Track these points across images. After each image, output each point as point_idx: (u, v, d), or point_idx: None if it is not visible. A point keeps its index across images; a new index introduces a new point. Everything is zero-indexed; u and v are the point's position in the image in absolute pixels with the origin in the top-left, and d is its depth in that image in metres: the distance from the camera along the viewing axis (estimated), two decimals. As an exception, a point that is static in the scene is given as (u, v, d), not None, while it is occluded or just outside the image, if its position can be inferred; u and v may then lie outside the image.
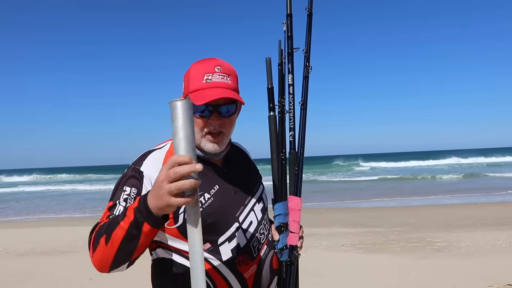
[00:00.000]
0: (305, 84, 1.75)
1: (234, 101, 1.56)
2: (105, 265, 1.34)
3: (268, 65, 1.73)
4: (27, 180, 45.65)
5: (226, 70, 1.55)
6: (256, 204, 1.70)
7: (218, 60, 1.57)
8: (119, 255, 1.31)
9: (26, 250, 8.34)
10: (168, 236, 1.54)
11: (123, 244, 1.29)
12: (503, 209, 11.99)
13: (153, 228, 1.26)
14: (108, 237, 1.31)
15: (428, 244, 7.64)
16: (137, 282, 5.51)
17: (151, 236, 1.31)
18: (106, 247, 1.31)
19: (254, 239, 1.63)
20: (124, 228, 1.27)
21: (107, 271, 1.37)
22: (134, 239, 1.28)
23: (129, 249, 1.30)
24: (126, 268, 1.40)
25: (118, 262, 1.34)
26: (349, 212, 12.92)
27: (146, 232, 1.26)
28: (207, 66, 1.54)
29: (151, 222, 1.24)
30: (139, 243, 1.29)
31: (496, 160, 44.93)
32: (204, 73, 1.52)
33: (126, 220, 1.28)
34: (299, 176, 1.76)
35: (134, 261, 1.38)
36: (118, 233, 1.29)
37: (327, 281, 5.63)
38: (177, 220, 1.51)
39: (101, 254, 1.33)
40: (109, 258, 1.32)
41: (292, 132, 1.75)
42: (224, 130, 1.57)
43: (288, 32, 1.71)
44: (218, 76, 1.53)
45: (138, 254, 1.35)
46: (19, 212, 16.82)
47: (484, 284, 5.21)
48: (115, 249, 1.30)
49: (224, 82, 1.53)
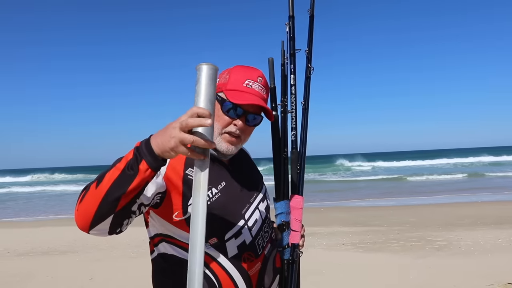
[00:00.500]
0: (307, 85, 1.77)
1: (261, 113, 1.62)
2: (88, 217, 1.25)
3: (270, 65, 1.75)
4: (26, 180, 45.62)
5: (265, 84, 1.63)
6: (261, 202, 1.73)
7: (261, 72, 1.64)
8: (106, 201, 1.23)
9: (26, 250, 8.34)
10: (175, 228, 1.54)
11: (114, 185, 1.23)
12: (503, 207, 12.00)
13: (150, 170, 1.23)
14: (100, 180, 1.26)
15: (428, 243, 7.65)
16: (138, 281, 5.53)
17: (145, 181, 1.25)
18: (95, 191, 1.25)
19: (259, 236, 1.65)
20: (120, 168, 1.24)
21: (87, 227, 1.27)
22: (127, 179, 1.23)
23: (119, 192, 1.23)
24: (108, 232, 1.32)
25: (102, 212, 1.24)
26: (349, 211, 12.93)
27: (142, 171, 1.22)
28: (251, 74, 1.60)
29: (150, 160, 1.22)
30: (130, 186, 1.23)
31: (496, 159, 44.89)
32: (247, 78, 1.58)
33: (123, 161, 1.26)
34: (301, 175, 1.78)
35: (118, 220, 1.29)
36: (112, 174, 1.25)
37: (327, 280, 5.64)
38: (185, 211, 1.51)
39: (87, 202, 1.26)
40: (94, 205, 1.24)
41: (294, 131, 1.77)
42: (242, 136, 1.60)
43: (290, 33, 1.73)
44: (258, 86, 1.59)
45: (124, 204, 1.26)
46: (19, 212, 16.82)
47: (484, 282, 5.22)
48: (104, 191, 1.24)
49: (261, 93, 1.59)
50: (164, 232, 1.57)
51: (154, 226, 1.61)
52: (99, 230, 1.29)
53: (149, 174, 1.24)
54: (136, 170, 1.23)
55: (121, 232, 1.36)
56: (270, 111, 1.62)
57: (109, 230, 1.31)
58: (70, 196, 24.22)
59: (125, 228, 1.37)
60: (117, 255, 7.67)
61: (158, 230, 1.59)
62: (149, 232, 1.65)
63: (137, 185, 1.24)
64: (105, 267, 6.76)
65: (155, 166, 1.23)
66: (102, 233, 1.31)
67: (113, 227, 1.30)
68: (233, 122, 1.56)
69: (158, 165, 1.24)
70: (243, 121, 1.57)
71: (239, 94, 1.54)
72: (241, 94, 1.54)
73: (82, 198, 1.28)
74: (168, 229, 1.56)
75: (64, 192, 27.68)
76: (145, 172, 1.23)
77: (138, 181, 1.23)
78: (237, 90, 1.55)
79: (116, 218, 1.28)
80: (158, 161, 1.23)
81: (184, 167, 1.54)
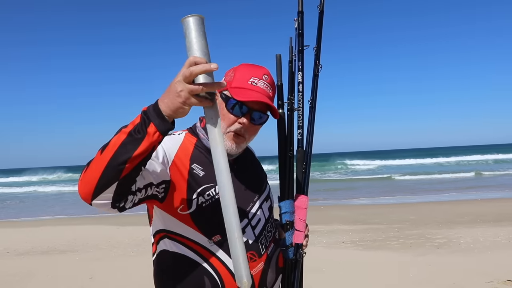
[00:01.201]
0: (315, 82, 1.76)
1: (267, 111, 1.60)
2: (91, 184, 1.20)
3: (278, 62, 1.74)
4: (24, 181, 45.46)
5: (271, 81, 1.61)
6: (264, 202, 1.72)
7: (267, 70, 1.62)
8: (111, 165, 1.18)
9: (26, 250, 8.32)
10: (178, 223, 1.53)
11: (120, 149, 1.18)
12: (502, 205, 12.01)
13: (159, 133, 1.19)
14: (105, 146, 1.22)
15: (428, 241, 7.66)
16: (138, 280, 5.52)
17: (152, 146, 1.21)
18: (100, 157, 1.20)
19: (262, 236, 1.64)
20: (126, 132, 1.21)
21: (91, 196, 1.22)
22: (134, 143, 1.18)
23: (125, 156, 1.18)
24: (111, 203, 1.25)
25: (106, 178, 1.19)
26: (349, 209, 12.94)
27: (150, 134, 1.18)
28: (256, 71, 1.58)
29: (158, 123, 1.19)
30: (137, 150, 1.18)
31: (498, 157, 44.87)
32: (252, 75, 1.56)
33: (130, 125, 1.23)
34: (307, 174, 1.77)
35: (123, 189, 1.24)
36: (118, 138, 1.21)
37: (327, 278, 5.64)
38: (190, 205, 1.51)
39: (91, 169, 1.21)
40: (99, 171, 1.19)
41: (301, 130, 1.75)
42: (246, 135, 1.59)
43: (299, 29, 1.71)
44: (263, 83, 1.57)
45: (130, 170, 1.20)
46: (20, 212, 16.78)
47: (484, 280, 5.23)
48: (109, 156, 1.19)
49: (266, 91, 1.57)
50: (167, 228, 1.56)
51: (157, 222, 1.59)
52: (103, 200, 1.23)
53: (157, 138, 1.20)
54: (144, 133, 1.19)
55: (124, 209, 1.32)
56: (276, 109, 1.60)
57: (113, 201, 1.25)
58: (68, 195, 24.16)
59: (128, 206, 1.33)
60: (117, 254, 7.65)
61: (161, 226, 1.58)
62: (152, 228, 1.64)
63: (145, 149, 1.20)
64: (105, 266, 6.75)
65: (163, 129, 1.20)
66: (105, 205, 1.25)
67: (117, 197, 1.24)
68: (238, 121, 1.54)
69: (167, 128, 1.21)
70: (248, 119, 1.55)
71: (244, 92, 1.52)
72: (246, 92, 1.52)
73: (87, 167, 1.24)
74: (172, 225, 1.54)
75: (61, 192, 27.58)
76: (153, 135, 1.19)
77: (146, 145, 1.19)
78: (242, 88, 1.53)
79: (120, 187, 1.22)
80: (167, 123, 1.20)
81: (190, 162, 1.54)
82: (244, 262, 1.21)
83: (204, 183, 1.54)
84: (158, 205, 1.53)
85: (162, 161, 1.45)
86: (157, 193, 1.45)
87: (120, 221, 11.15)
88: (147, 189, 1.39)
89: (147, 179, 1.38)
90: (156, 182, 1.42)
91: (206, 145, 1.60)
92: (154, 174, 1.40)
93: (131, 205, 1.34)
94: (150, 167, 1.38)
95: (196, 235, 1.53)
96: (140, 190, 1.36)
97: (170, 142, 1.54)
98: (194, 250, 1.53)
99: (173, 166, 1.49)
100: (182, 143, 1.59)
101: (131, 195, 1.32)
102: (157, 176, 1.42)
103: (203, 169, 1.55)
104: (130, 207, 1.35)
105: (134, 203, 1.36)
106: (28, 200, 22.32)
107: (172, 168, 1.49)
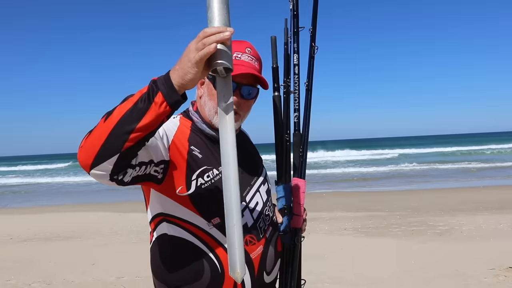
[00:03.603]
0: (311, 64, 1.72)
1: (256, 85, 1.58)
2: (92, 151, 1.15)
3: (273, 44, 1.70)
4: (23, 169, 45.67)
5: (255, 54, 1.60)
6: (262, 185, 1.71)
7: (249, 43, 1.60)
8: (113, 135, 1.13)
9: (29, 236, 8.38)
10: (177, 206, 1.51)
11: (124, 119, 1.13)
12: (504, 192, 11.98)
13: (166, 103, 1.12)
14: (110, 113, 1.17)
15: (430, 228, 7.65)
16: (140, 267, 5.55)
17: (159, 118, 1.15)
18: (103, 125, 1.15)
19: (260, 219, 1.63)
20: (133, 101, 1.14)
21: (90, 164, 1.17)
22: (139, 113, 1.12)
23: (129, 127, 1.12)
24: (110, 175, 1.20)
25: (108, 148, 1.14)
26: (351, 196, 12.95)
27: (157, 104, 1.12)
28: (238, 46, 1.56)
29: (167, 93, 1.12)
30: (142, 121, 1.12)
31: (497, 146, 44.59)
32: (235, 51, 1.53)
33: (137, 94, 1.16)
34: (304, 158, 1.74)
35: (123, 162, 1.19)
36: (123, 107, 1.15)
37: (329, 265, 5.65)
38: (189, 187, 1.49)
39: (93, 136, 1.16)
40: (101, 139, 1.14)
41: (297, 113, 1.72)
42: (241, 112, 1.58)
43: (294, 10, 1.66)
44: (247, 57, 1.56)
45: (133, 144, 1.15)
46: (29, 199, 16.89)
47: (485, 267, 5.22)
48: (112, 124, 1.13)
49: (252, 64, 1.56)
50: (165, 211, 1.54)
51: (155, 206, 1.57)
52: (101, 171, 1.19)
53: (164, 109, 1.13)
54: (150, 103, 1.12)
55: (122, 182, 1.27)
56: (264, 80, 1.57)
57: (112, 172, 1.20)
58: (69, 186, 24.28)
59: (127, 179, 1.28)
60: (119, 240, 7.69)
61: (159, 210, 1.56)
62: (150, 213, 1.62)
63: (150, 121, 1.14)
64: (107, 253, 6.79)
65: (172, 100, 1.13)
66: (104, 176, 1.21)
67: (116, 169, 1.19)
68: None
69: (176, 100, 1.13)
70: (238, 96, 1.53)
71: None
72: None
73: (89, 134, 1.19)
74: (170, 208, 1.52)
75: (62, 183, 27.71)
76: (160, 106, 1.12)
77: (152, 116, 1.13)
78: None
79: (121, 159, 1.17)
80: (176, 94, 1.13)
81: (189, 143, 1.53)
82: (239, 250, 1.13)
83: (203, 165, 1.52)
84: (156, 187, 1.50)
85: (162, 140, 1.43)
86: (156, 173, 1.43)
87: (122, 207, 11.20)
88: (147, 166, 1.36)
89: (148, 155, 1.35)
90: (156, 161, 1.39)
91: (201, 128, 1.59)
92: (154, 151, 1.38)
93: (129, 180, 1.30)
94: (152, 143, 1.35)
95: (195, 218, 1.51)
96: (140, 165, 1.32)
97: (169, 123, 1.53)
98: (193, 233, 1.52)
99: (173, 146, 1.47)
100: (180, 125, 1.58)
101: (131, 169, 1.28)
102: (157, 154, 1.39)
103: (201, 152, 1.54)
104: (128, 181, 1.30)
105: (133, 178, 1.32)
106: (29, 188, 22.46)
107: (171, 148, 1.47)
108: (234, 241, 1.13)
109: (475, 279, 4.88)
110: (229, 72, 1.12)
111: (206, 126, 1.59)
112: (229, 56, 1.08)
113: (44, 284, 5.37)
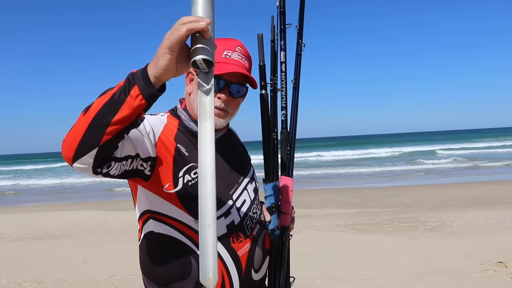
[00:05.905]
0: (298, 62, 1.71)
1: (245, 83, 1.58)
2: (72, 145, 1.17)
3: (260, 42, 1.69)
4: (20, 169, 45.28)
5: (245, 52, 1.59)
6: (249, 184, 1.71)
7: (239, 42, 1.60)
8: (91, 128, 1.14)
9: (20, 235, 8.32)
10: (164, 203, 1.51)
11: (102, 111, 1.14)
12: (494, 188, 12.10)
13: (142, 96, 1.13)
14: (88, 107, 1.18)
15: (421, 224, 7.70)
16: (132, 265, 5.53)
17: (135, 112, 1.15)
18: (82, 118, 1.17)
19: (247, 217, 1.63)
20: (110, 94, 1.15)
21: (71, 157, 1.18)
22: (116, 106, 1.13)
23: (106, 120, 1.13)
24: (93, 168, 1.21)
25: (87, 141, 1.15)
26: (343, 193, 12.99)
27: (132, 97, 1.12)
28: (229, 44, 1.56)
29: (142, 86, 1.12)
30: (118, 114, 1.13)
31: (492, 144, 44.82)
32: (225, 49, 1.54)
33: (116, 87, 1.17)
34: (291, 156, 1.74)
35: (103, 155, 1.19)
36: (101, 100, 1.16)
37: (321, 261, 5.67)
38: (176, 183, 1.49)
39: (73, 130, 1.18)
40: (80, 133, 1.16)
41: (284, 111, 1.72)
42: (229, 110, 1.58)
43: (281, 7, 1.66)
44: (238, 55, 1.56)
45: (111, 137, 1.16)
46: (21, 198, 16.77)
47: (476, 262, 5.28)
48: (91, 117, 1.15)
49: (242, 62, 1.56)
50: (152, 209, 1.54)
51: (142, 203, 1.57)
52: (83, 164, 1.20)
53: (139, 103, 1.13)
54: (126, 96, 1.13)
55: (109, 175, 1.28)
56: (253, 80, 1.58)
57: (94, 166, 1.21)
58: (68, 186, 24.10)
59: (114, 172, 1.28)
60: (110, 239, 7.67)
61: (146, 207, 1.56)
62: (137, 210, 1.61)
63: (126, 114, 1.14)
64: (98, 251, 6.76)
65: (148, 93, 1.13)
66: (87, 170, 1.22)
67: (98, 162, 1.20)
68: (217, 96, 1.52)
69: (151, 93, 1.13)
70: (226, 94, 1.54)
71: (218, 66, 1.43)
72: (220, 65, 1.48)
73: (71, 128, 1.20)
74: (157, 205, 1.52)
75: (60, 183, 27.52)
76: (136, 99, 1.12)
77: (128, 109, 1.13)
78: (216, 62, 1.49)
79: (101, 152, 1.18)
80: (152, 87, 1.12)
81: (176, 142, 1.53)
82: (213, 255, 1.02)
83: (190, 162, 1.53)
84: (143, 184, 1.50)
85: (148, 136, 1.42)
86: (143, 169, 1.42)
87: (113, 206, 11.16)
88: (133, 159, 1.35)
89: (134, 149, 1.34)
90: (143, 156, 1.39)
91: (188, 126, 1.59)
92: (140, 146, 1.37)
93: (117, 173, 1.30)
94: (138, 138, 1.36)
95: (182, 215, 1.51)
96: (126, 158, 1.31)
97: (156, 120, 1.53)
98: (180, 230, 1.52)
99: (160, 143, 1.47)
100: (167, 123, 1.57)
101: (117, 162, 1.27)
102: (143, 149, 1.39)
103: (187, 150, 1.54)
104: (117, 174, 1.30)
105: (121, 171, 1.32)
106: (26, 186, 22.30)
107: (158, 145, 1.46)
108: (208, 245, 1.02)
109: (465, 274, 4.93)
110: (211, 67, 1.09)
111: (194, 124, 1.58)
112: (207, 49, 1.05)
113: (35, 283, 5.34)
